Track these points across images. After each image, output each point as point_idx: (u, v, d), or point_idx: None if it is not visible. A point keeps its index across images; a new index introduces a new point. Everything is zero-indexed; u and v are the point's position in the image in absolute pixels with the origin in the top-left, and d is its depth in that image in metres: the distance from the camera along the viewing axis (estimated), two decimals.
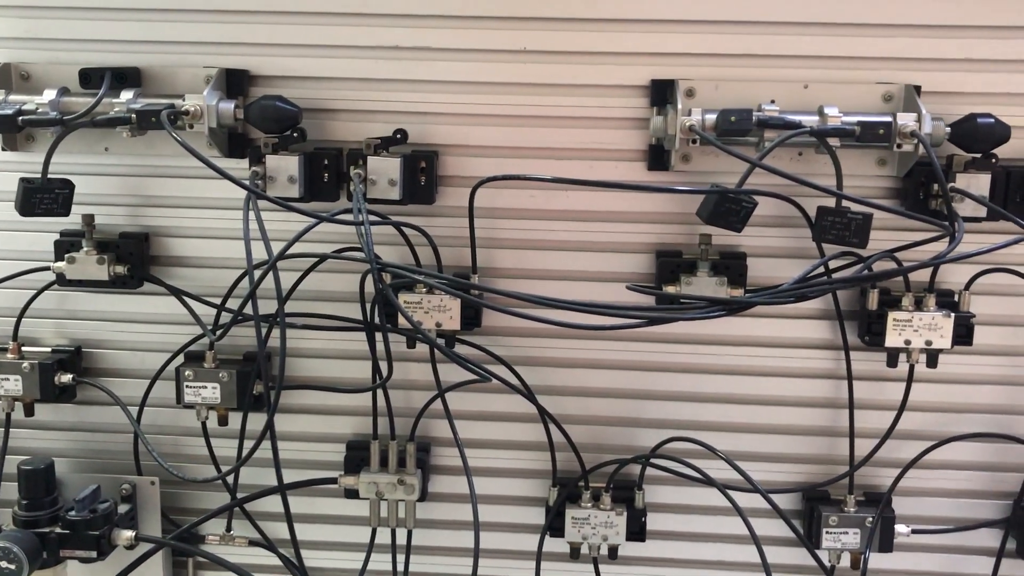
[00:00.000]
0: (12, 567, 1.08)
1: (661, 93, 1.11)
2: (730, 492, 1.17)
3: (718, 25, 1.11)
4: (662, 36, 1.11)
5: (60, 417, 1.26)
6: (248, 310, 1.05)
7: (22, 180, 1.09)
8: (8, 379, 1.19)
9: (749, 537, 1.16)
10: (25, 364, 1.18)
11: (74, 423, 1.26)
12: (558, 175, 1.11)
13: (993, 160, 1.07)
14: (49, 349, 1.22)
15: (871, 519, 1.17)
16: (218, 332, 1.12)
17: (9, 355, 1.19)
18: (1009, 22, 1.08)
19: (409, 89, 1.14)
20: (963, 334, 1.12)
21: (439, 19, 1.12)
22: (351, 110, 1.15)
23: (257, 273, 1.03)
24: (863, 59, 1.10)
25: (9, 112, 1.06)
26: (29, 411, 1.21)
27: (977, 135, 1.06)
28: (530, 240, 1.18)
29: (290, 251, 1.06)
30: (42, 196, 1.10)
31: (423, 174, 1.13)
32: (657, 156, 1.13)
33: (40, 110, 1.08)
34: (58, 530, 1.12)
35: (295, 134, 1.10)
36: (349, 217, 1.04)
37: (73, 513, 1.12)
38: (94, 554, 1.12)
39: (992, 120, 1.05)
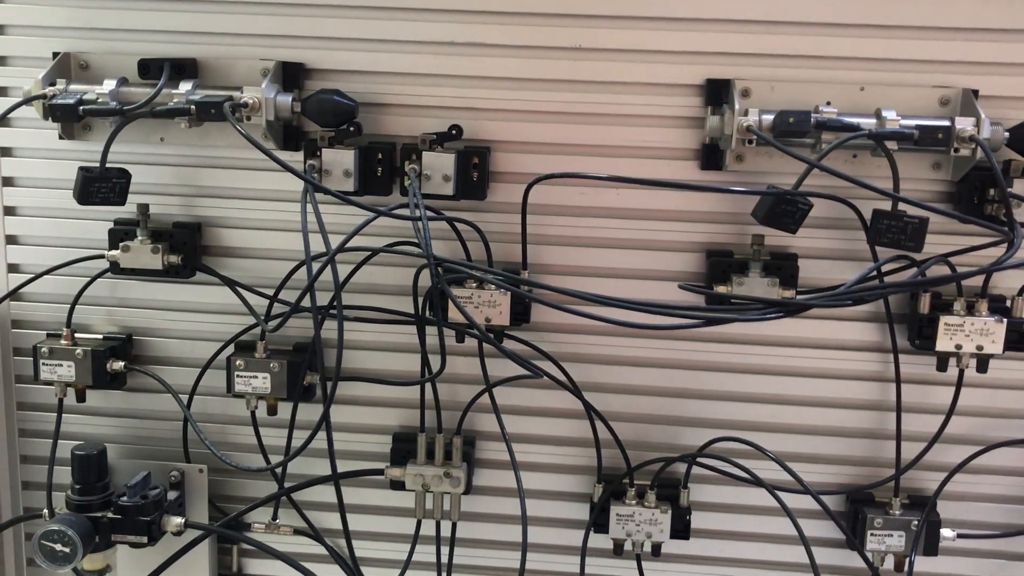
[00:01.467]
0: (67, 550, 1.10)
1: (716, 93, 1.11)
2: (776, 492, 1.17)
3: (773, 25, 1.10)
4: (717, 36, 1.11)
5: (111, 403, 1.27)
6: (305, 301, 1.06)
7: (81, 169, 1.10)
8: (61, 365, 1.20)
9: (791, 537, 1.16)
10: (78, 351, 1.20)
11: (124, 409, 1.27)
12: (610, 173, 1.12)
13: None
14: (101, 336, 1.24)
15: (916, 522, 1.17)
16: (274, 323, 1.13)
17: (63, 341, 1.21)
18: None
19: (463, 85, 1.14)
20: (1015, 340, 1.11)
21: (494, 15, 1.13)
22: (405, 104, 1.15)
23: (315, 265, 1.04)
24: (919, 62, 1.10)
25: (71, 102, 1.07)
26: (81, 397, 1.22)
27: None
28: (580, 237, 1.18)
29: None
30: (100, 185, 1.11)
31: (475, 170, 1.13)
32: (710, 155, 1.13)
33: (100, 100, 1.09)
34: (110, 515, 1.14)
35: (351, 128, 1.11)
36: (406, 212, 1.05)
37: (125, 499, 1.14)
38: (145, 539, 1.14)
39: None
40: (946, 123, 1.04)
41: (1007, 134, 1.05)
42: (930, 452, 1.17)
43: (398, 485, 1.21)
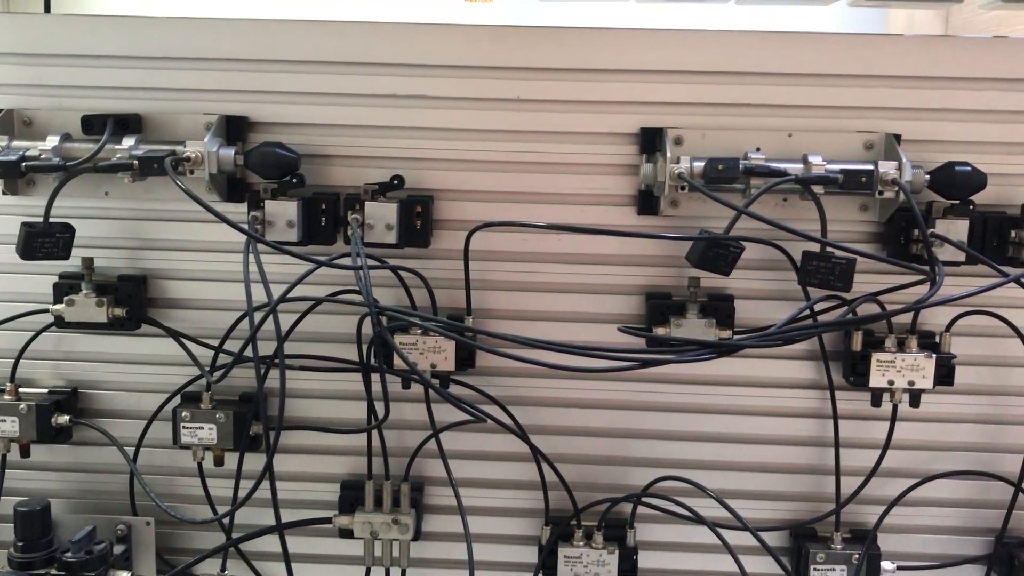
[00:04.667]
0: None
1: (650, 141, 1.15)
2: (720, 530, 1.18)
3: (705, 75, 1.14)
4: (651, 86, 1.15)
5: (56, 458, 1.26)
6: (248, 352, 1.07)
7: (24, 224, 1.11)
8: (5, 420, 1.19)
9: (738, 574, 1.18)
10: (22, 406, 1.19)
11: (70, 464, 1.26)
12: (550, 219, 1.15)
13: (971, 207, 1.11)
14: (46, 390, 1.23)
15: (857, 556, 1.19)
16: (217, 374, 1.13)
17: (6, 397, 1.20)
18: (985, 74, 1.13)
19: (405, 136, 1.17)
20: (944, 374, 1.15)
21: (435, 68, 1.15)
22: (348, 156, 1.17)
23: (258, 316, 1.05)
24: (845, 108, 1.14)
25: (13, 158, 1.08)
26: (25, 452, 1.21)
27: (955, 183, 1.09)
28: (523, 282, 1.20)
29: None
30: (43, 240, 1.11)
31: (419, 218, 1.16)
32: (646, 201, 1.16)
33: (43, 156, 1.10)
34: (54, 572, 1.13)
35: (294, 180, 1.12)
36: (348, 261, 1.07)
37: (69, 555, 1.13)
38: None
39: (969, 168, 1.09)
40: (869, 167, 1.08)
41: (928, 177, 1.10)
42: (869, 486, 1.20)
43: (346, 533, 1.22)
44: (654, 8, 1.41)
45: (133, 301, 1.19)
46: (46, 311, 1.19)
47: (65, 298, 1.17)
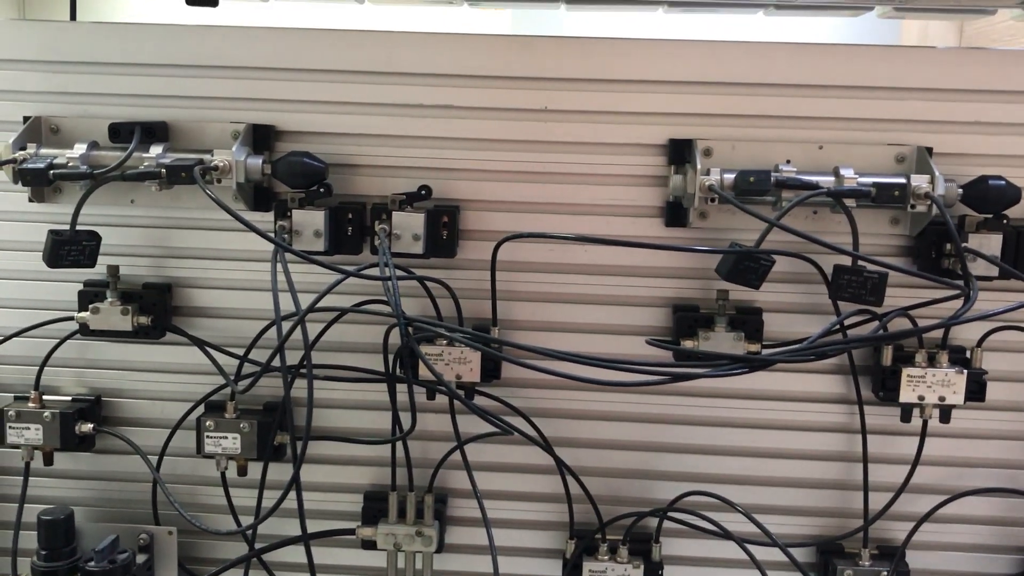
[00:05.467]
0: None
1: (679, 152, 1.14)
2: (747, 545, 1.17)
3: (735, 87, 1.14)
4: (680, 97, 1.14)
5: (79, 466, 1.26)
6: (275, 362, 1.06)
7: (51, 232, 1.11)
8: (29, 428, 1.19)
9: None
10: (46, 413, 1.19)
11: (93, 472, 1.26)
12: (577, 231, 1.15)
13: (1004, 221, 1.10)
14: (70, 398, 1.23)
15: (885, 573, 1.18)
16: (244, 383, 1.13)
17: (30, 404, 1.20)
18: (1018, 87, 1.12)
19: (432, 146, 1.16)
20: (976, 390, 1.13)
21: (462, 78, 1.15)
22: (375, 165, 1.17)
23: (285, 325, 1.05)
24: (876, 121, 1.13)
25: (41, 166, 1.08)
26: (48, 460, 1.21)
27: (988, 197, 1.08)
28: (549, 293, 1.20)
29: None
30: (70, 248, 1.11)
31: (445, 228, 1.15)
32: (675, 213, 1.15)
33: (71, 164, 1.09)
34: None
35: (321, 189, 1.12)
36: (376, 272, 1.06)
37: (92, 564, 1.12)
38: None
39: (1003, 182, 1.08)
40: (902, 180, 1.06)
41: (961, 190, 1.08)
42: (897, 502, 1.18)
43: (369, 544, 1.21)
44: (683, 19, 1.40)
45: (158, 309, 1.19)
46: (71, 319, 1.19)
47: (90, 306, 1.17)
